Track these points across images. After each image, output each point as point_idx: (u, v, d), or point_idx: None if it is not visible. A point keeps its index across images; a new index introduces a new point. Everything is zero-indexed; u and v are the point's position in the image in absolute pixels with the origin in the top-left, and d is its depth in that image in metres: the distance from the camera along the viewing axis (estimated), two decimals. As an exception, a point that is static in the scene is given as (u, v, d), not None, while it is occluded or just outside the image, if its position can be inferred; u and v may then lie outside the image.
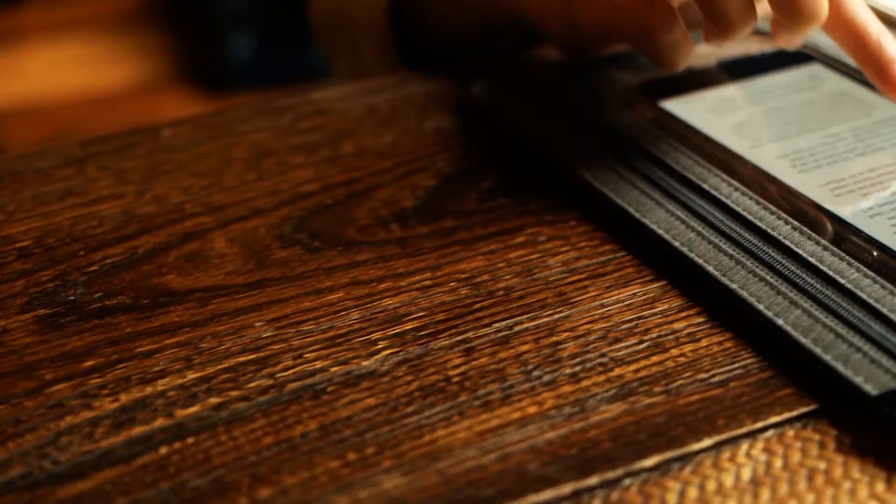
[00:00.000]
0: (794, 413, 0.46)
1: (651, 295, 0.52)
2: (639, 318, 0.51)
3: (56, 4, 1.86)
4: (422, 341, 0.50)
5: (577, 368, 0.48)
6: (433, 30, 0.71)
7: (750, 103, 0.62)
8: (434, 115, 0.65)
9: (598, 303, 0.52)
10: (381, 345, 0.50)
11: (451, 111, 0.65)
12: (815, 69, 0.65)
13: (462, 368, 0.48)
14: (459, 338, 0.50)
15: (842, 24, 0.58)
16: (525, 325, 0.51)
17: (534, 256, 0.55)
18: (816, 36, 0.68)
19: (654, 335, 0.50)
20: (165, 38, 1.79)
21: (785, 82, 0.64)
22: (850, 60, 0.65)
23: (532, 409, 0.46)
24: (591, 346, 0.49)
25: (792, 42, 0.60)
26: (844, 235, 0.52)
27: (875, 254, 0.51)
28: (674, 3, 0.59)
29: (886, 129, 0.59)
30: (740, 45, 0.69)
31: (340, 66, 0.77)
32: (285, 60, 1.94)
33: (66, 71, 1.75)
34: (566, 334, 0.50)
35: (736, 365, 0.48)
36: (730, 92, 0.63)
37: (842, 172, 0.56)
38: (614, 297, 0.52)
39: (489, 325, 0.51)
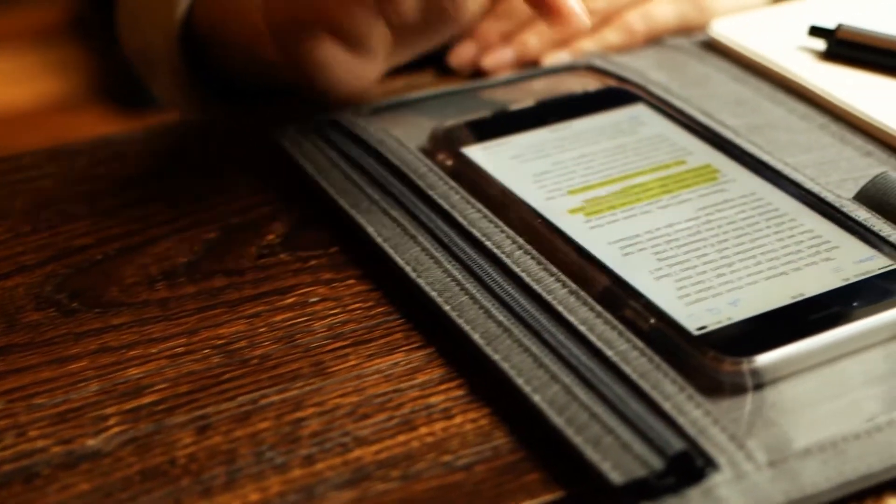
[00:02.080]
0: (537, 502, 0.42)
1: (414, 364, 0.48)
2: (395, 390, 0.47)
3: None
4: (156, 417, 0.46)
5: (315, 449, 0.45)
6: (227, 68, 0.67)
7: (558, 149, 0.58)
8: (232, 160, 0.62)
9: (355, 373, 0.48)
10: (112, 421, 0.46)
11: (250, 157, 0.62)
12: (638, 110, 0.62)
13: (191, 449, 0.45)
14: (198, 413, 0.46)
15: None
16: (271, 399, 0.47)
17: (300, 320, 0.51)
18: (644, 75, 0.65)
19: (407, 410, 0.46)
20: (83, 54, 1.75)
21: (602, 125, 0.60)
22: (675, 101, 0.62)
23: (254, 497, 0.43)
24: (336, 423, 0.46)
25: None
26: (624, 300, 0.49)
27: (652, 321, 0.47)
28: None
29: (696, 179, 0.56)
30: (564, 84, 0.65)
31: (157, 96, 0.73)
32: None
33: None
34: (313, 409, 0.46)
35: (486, 446, 0.45)
36: (541, 137, 0.59)
37: (637, 228, 0.53)
38: (374, 367, 0.48)
39: (233, 398, 0.47)
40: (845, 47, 0.66)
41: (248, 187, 0.59)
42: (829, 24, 0.66)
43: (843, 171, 0.58)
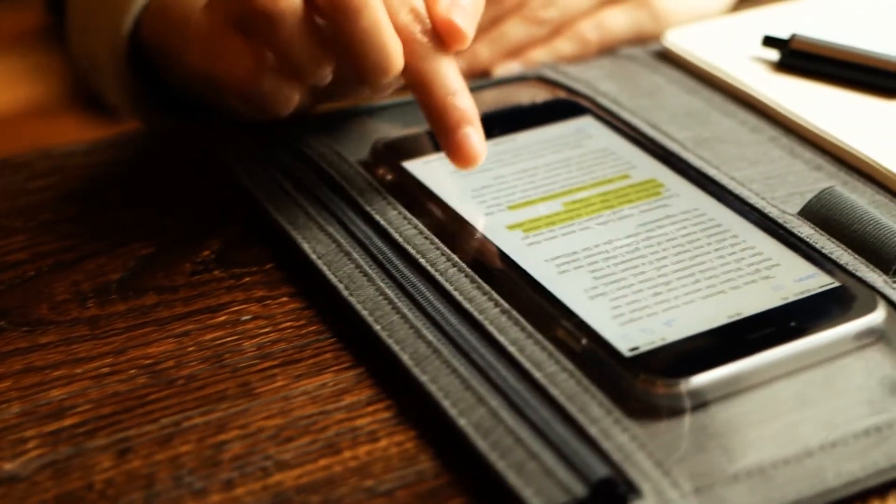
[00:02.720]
0: (457, 529, 0.41)
1: (342, 385, 0.47)
2: (321, 412, 0.46)
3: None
4: (77, 440, 0.45)
5: (235, 474, 0.44)
6: (172, 80, 0.66)
7: (500, 163, 0.57)
8: (171, 175, 0.61)
9: (282, 395, 0.47)
10: (31, 444, 0.45)
11: (189, 171, 0.61)
12: (585, 123, 0.61)
13: (110, 473, 0.44)
14: (120, 436, 0.45)
15: (413, 78, 0.53)
16: (195, 421, 0.46)
17: (230, 339, 0.50)
18: (594, 86, 0.64)
19: (332, 433, 0.45)
20: (63, 59, 1.74)
21: (547, 138, 0.59)
22: (623, 113, 0.61)
23: (170, 524, 0.42)
24: (259, 446, 0.45)
25: (377, 92, 0.56)
26: (557, 319, 0.48)
27: (584, 341, 0.47)
28: (264, 52, 0.53)
29: (639, 194, 0.55)
30: (514, 95, 0.64)
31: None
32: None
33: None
34: (236, 432, 0.45)
35: (410, 470, 0.44)
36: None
37: (575, 245, 0.52)
38: (301, 388, 0.47)
39: (156, 420, 0.46)
40: (799, 58, 0.65)
41: (187, 202, 0.58)
42: (784, 35, 0.66)
43: (791, 186, 0.57)
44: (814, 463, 0.42)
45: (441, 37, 0.53)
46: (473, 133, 0.53)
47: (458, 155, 0.53)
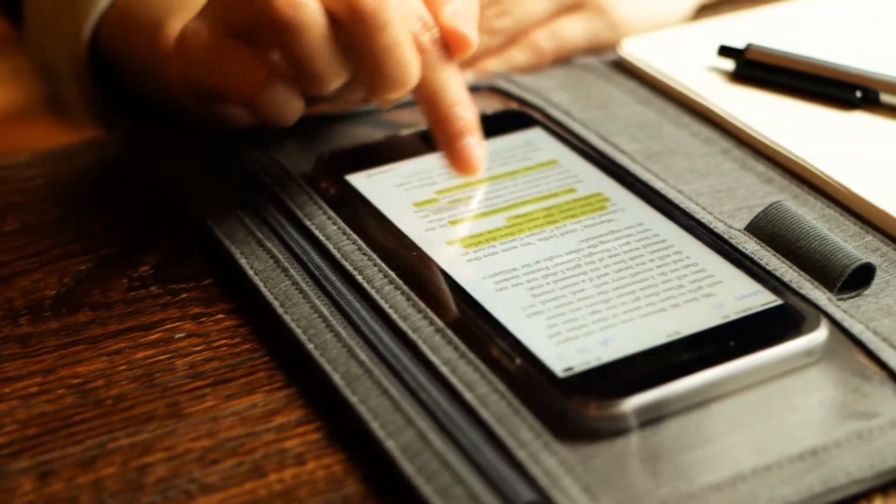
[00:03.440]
0: (379, 556, 0.40)
1: (272, 406, 0.47)
2: (250, 434, 0.45)
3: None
4: (0, 462, 0.44)
5: (158, 497, 0.43)
6: (131, 86, 0.65)
7: (445, 177, 0.56)
8: (113, 187, 0.60)
9: (211, 415, 0.46)
10: (-47, 467, 0.44)
11: (134, 183, 0.60)
12: (535, 135, 0.60)
13: (30, 497, 0.43)
14: (43, 458, 0.45)
15: (422, 88, 0.53)
16: (121, 443, 0.45)
17: (162, 357, 0.49)
18: (546, 96, 0.63)
19: (259, 455, 0.44)
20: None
21: (495, 150, 0.58)
22: (573, 125, 0.60)
23: (87, 550, 0.41)
24: (184, 469, 0.44)
25: (384, 104, 0.56)
26: (492, 338, 0.47)
27: (518, 361, 0.46)
28: (272, 61, 0.53)
29: (584, 208, 0.54)
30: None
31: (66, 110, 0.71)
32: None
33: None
34: (162, 454, 0.45)
35: (336, 494, 0.43)
36: (429, 164, 0.57)
37: (515, 261, 0.51)
38: (231, 409, 0.46)
39: (81, 441, 0.45)
40: (754, 68, 0.64)
41: (130, 215, 0.58)
42: (740, 44, 0.65)
43: (740, 200, 0.56)
44: (746, 488, 0.42)
45: (447, 44, 0.52)
46: (475, 143, 0.53)
47: (461, 164, 0.53)
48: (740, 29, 0.69)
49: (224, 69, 0.53)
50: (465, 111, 0.53)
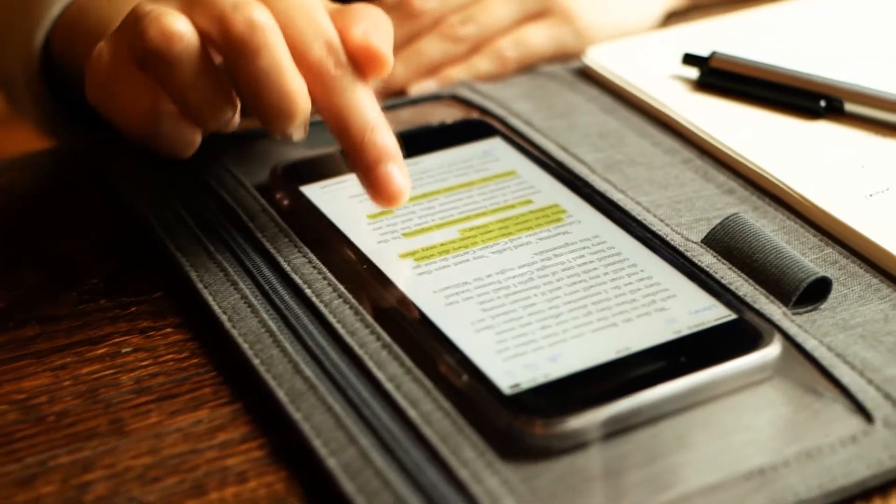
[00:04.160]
0: (317, 577, 0.40)
1: (217, 423, 0.46)
2: (192, 451, 0.45)
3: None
4: (-62, 481, 0.44)
5: (96, 517, 0.42)
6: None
7: (401, 188, 0.56)
8: (67, 198, 0.59)
9: (154, 432, 0.46)
10: None
11: (87, 193, 0.59)
12: (494, 144, 0.59)
13: (-34, 516, 0.42)
14: (-19, 476, 0.44)
15: (328, 115, 0.50)
16: (61, 461, 0.44)
17: (107, 373, 0.48)
18: (508, 105, 0.62)
19: (201, 473, 0.44)
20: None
21: (452, 161, 0.58)
22: (533, 135, 0.60)
23: (22, 571, 0.40)
24: (124, 487, 0.43)
25: (283, 137, 0.51)
26: (440, 354, 0.46)
27: (465, 378, 0.45)
28: (157, 97, 0.51)
29: (540, 220, 0.53)
30: (427, 115, 0.63)
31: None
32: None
33: None
34: (102, 472, 0.44)
35: (277, 513, 0.42)
36: (386, 173, 0.57)
37: (467, 275, 0.50)
38: (175, 426, 0.46)
39: (21, 459, 0.45)
40: (718, 76, 0.63)
41: (81, 227, 0.57)
42: (706, 53, 0.64)
43: (699, 211, 0.55)
44: (691, 508, 0.41)
45: (359, 64, 0.50)
46: (395, 170, 0.50)
47: (380, 194, 0.50)
48: (709, 36, 0.68)
49: (117, 97, 0.51)
50: (381, 136, 0.50)
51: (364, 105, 0.50)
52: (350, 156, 0.50)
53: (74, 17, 0.64)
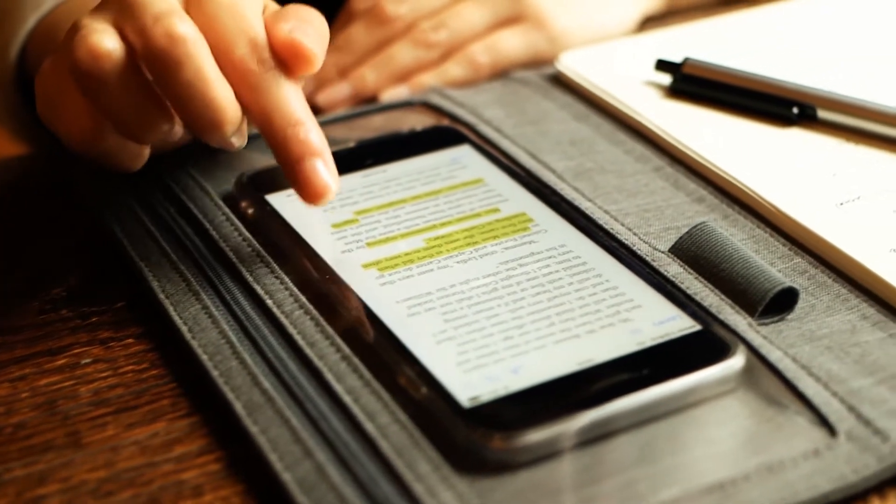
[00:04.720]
0: None
1: (174, 435, 0.45)
2: (148, 464, 0.44)
3: None
4: None
5: (48, 532, 0.42)
6: None
7: (366, 196, 0.55)
8: (32, 207, 0.59)
9: (111, 445, 0.45)
10: None
11: (56, 202, 0.59)
12: (462, 152, 0.59)
13: (-82, 531, 0.42)
14: (-65, 490, 0.44)
15: (252, 114, 0.49)
16: (16, 474, 0.44)
17: (66, 384, 0.48)
18: (478, 112, 0.62)
19: (156, 487, 0.43)
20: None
21: (420, 168, 0.57)
22: (503, 142, 0.59)
23: (-29, 587, 0.40)
24: (79, 501, 0.43)
25: (225, 147, 0.51)
26: (400, 366, 0.46)
27: (424, 390, 0.45)
28: (96, 114, 0.50)
29: (506, 229, 0.53)
30: (398, 122, 0.62)
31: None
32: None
33: None
34: (57, 486, 0.43)
35: (231, 528, 0.42)
36: (352, 182, 0.56)
37: (430, 285, 0.50)
38: (132, 438, 0.45)
39: (-25, 472, 0.44)
40: (691, 83, 0.63)
41: (45, 235, 0.57)
42: (679, 59, 0.64)
43: (668, 220, 0.55)
44: (649, 523, 0.41)
45: (285, 60, 0.49)
46: (320, 165, 0.49)
47: (305, 190, 0.49)
48: (683, 42, 0.68)
49: (60, 114, 0.50)
50: (306, 131, 0.49)
51: (288, 101, 0.49)
52: (274, 152, 0.50)
53: (48, 28, 0.63)
